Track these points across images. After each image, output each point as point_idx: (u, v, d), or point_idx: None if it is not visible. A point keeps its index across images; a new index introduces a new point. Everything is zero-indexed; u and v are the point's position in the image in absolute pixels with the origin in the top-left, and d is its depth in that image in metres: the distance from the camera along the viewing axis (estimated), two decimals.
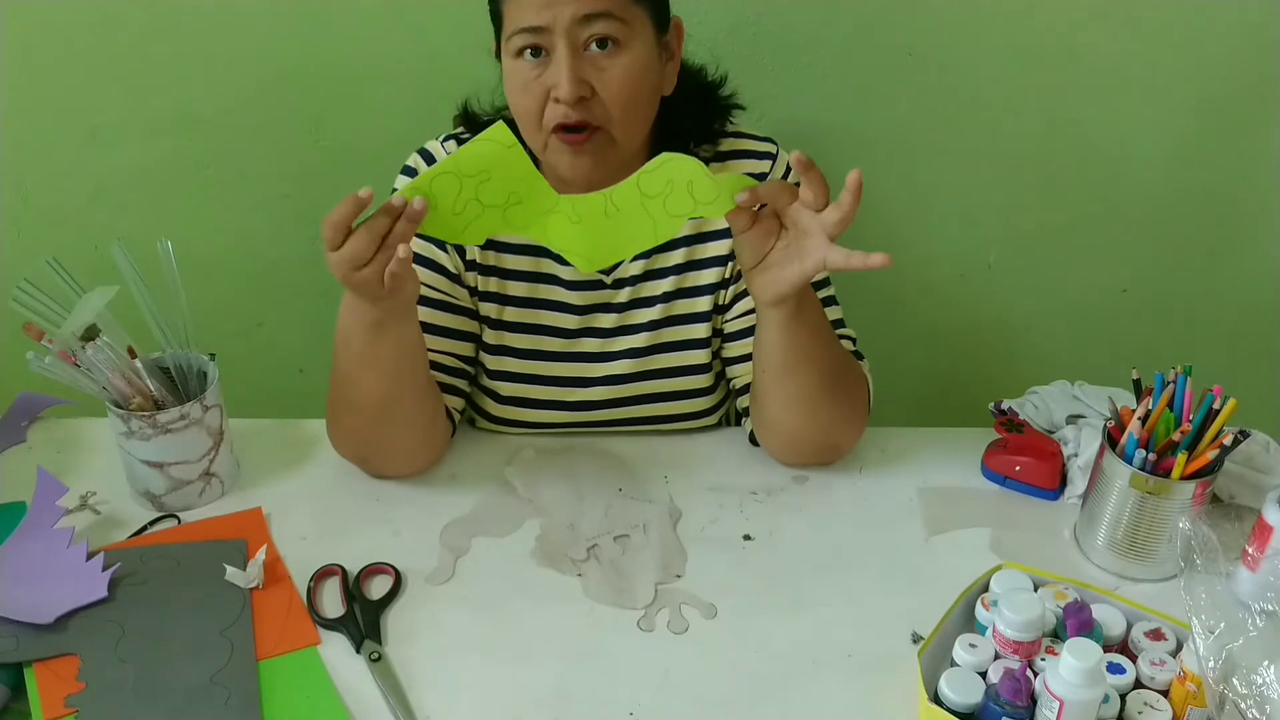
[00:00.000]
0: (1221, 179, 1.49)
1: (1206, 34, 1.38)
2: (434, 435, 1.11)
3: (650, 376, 1.17)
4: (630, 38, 0.99)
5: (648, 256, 1.14)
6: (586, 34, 0.97)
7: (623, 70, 0.99)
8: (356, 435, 1.09)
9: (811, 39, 1.40)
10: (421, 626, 0.95)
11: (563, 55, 0.97)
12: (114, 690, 0.86)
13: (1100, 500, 1.00)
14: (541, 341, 1.15)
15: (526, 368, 1.16)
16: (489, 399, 1.18)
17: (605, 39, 0.97)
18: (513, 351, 1.16)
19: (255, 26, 1.39)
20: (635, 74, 0.99)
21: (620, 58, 0.99)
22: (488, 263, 1.14)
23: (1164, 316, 1.61)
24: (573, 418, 1.18)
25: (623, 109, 1.00)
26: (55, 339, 0.99)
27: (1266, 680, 0.79)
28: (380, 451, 1.10)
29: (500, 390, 1.17)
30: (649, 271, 1.14)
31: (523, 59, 0.99)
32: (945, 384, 1.64)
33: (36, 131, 1.44)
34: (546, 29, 0.96)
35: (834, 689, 0.89)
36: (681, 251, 1.14)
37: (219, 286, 1.53)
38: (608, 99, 0.99)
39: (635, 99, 1.01)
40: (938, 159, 1.48)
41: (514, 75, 1.01)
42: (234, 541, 1.02)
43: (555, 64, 0.97)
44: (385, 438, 1.08)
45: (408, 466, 1.12)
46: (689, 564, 1.02)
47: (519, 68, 1.00)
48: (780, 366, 1.04)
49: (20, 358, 0.96)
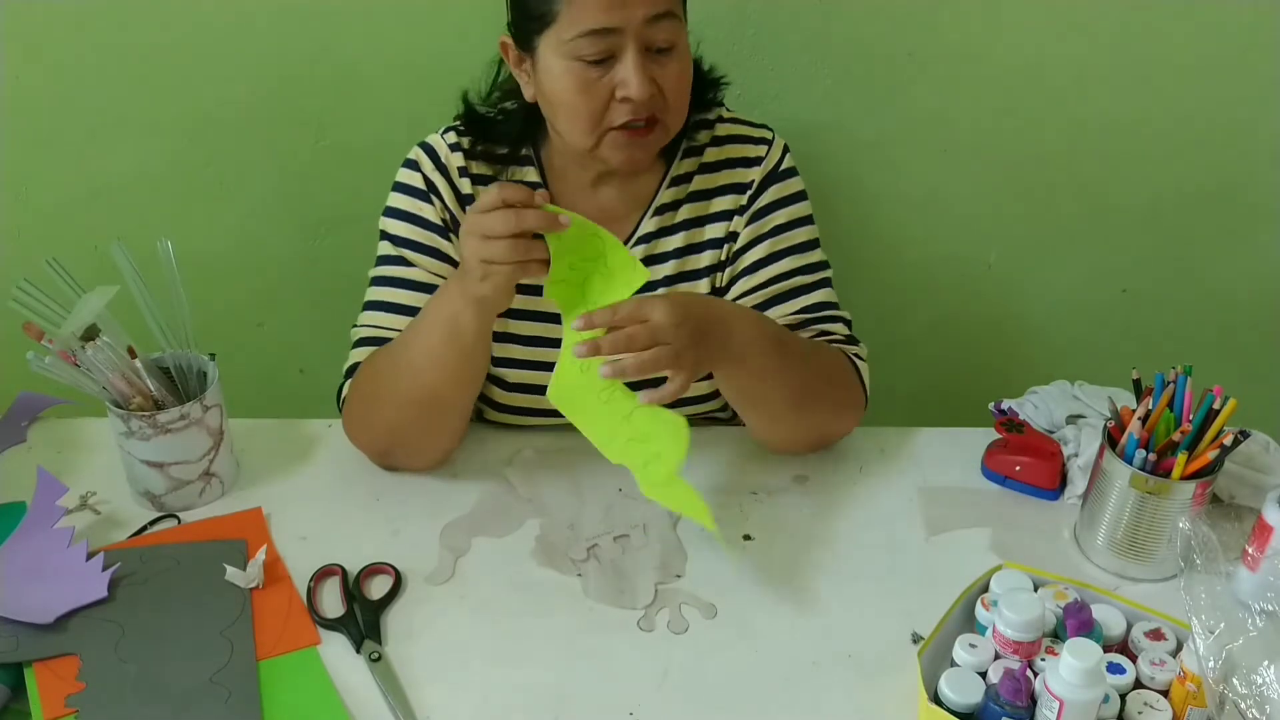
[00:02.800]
0: (1221, 179, 1.49)
1: (1206, 34, 1.38)
2: (462, 429, 1.13)
3: None
4: (681, 36, 1.02)
5: (648, 241, 1.15)
6: (654, 35, 0.99)
7: (680, 68, 1.03)
8: (390, 428, 1.09)
9: (811, 39, 1.40)
10: (421, 626, 0.95)
11: (632, 56, 0.99)
12: (114, 690, 0.86)
13: (1100, 500, 1.00)
14: (546, 329, 1.16)
15: (532, 354, 1.17)
16: (496, 387, 1.18)
17: (666, 43, 1.00)
18: (517, 339, 1.16)
19: (256, 27, 1.38)
20: (688, 70, 1.05)
21: (676, 56, 1.02)
22: None
23: (1164, 316, 1.61)
24: None
25: (680, 101, 1.05)
26: (55, 339, 0.99)
27: (1266, 680, 0.79)
28: (410, 446, 1.10)
29: (507, 378, 1.17)
30: (650, 257, 1.15)
31: (579, 61, 0.99)
32: (945, 384, 1.64)
33: (36, 131, 1.44)
34: (618, 30, 0.98)
35: (834, 689, 0.89)
36: (681, 236, 1.15)
37: (219, 286, 1.53)
38: (670, 97, 1.03)
39: (687, 93, 1.06)
40: (938, 159, 1.48)
41: (569, 76, 1.00)
42: (234, 541, 1.02)
43: (625, 65, 0.99)
44: (420, 433, 1.09)
45: (430, 462, 1.13)
46: (689, 564, 1.02)
47: (575, 69, 1.00)
48: (740, 404, 1.08)
49: (20, 358, 0.96)
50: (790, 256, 1.15)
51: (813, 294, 1.15)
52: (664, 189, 1.15)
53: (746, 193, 1.15)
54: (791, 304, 1.14)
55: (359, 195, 1.50)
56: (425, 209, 1.12)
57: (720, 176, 1.15)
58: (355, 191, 1.49)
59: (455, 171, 1.12)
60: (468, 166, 1.13)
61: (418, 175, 1.12)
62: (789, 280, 1.14)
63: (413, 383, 1.03)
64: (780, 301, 1.14)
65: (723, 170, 1.15)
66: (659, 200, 1.15)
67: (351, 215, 1.52)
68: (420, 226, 1.12)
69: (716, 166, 1.16)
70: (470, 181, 1.13)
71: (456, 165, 1.12)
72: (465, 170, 1.12)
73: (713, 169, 1.16)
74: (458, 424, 1.11)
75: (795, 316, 1.14)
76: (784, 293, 1.14)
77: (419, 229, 1.12)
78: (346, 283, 1.57)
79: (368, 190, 1.19)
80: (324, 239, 1.55)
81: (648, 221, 1.15)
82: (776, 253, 1.14)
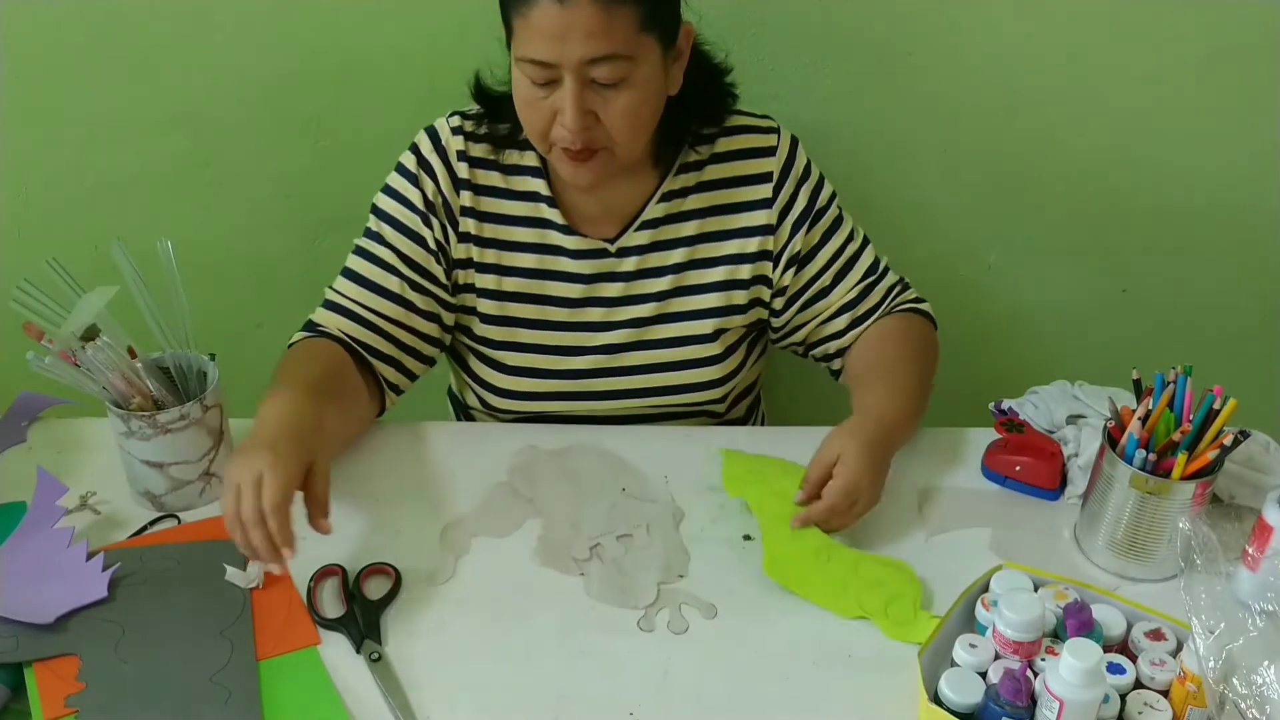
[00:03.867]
0: (1221, 179, 1.49)
1: (1205, 33, 1.38)
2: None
3: (652, 346, 1.19)
4: (635, 71, 1.01)
5: (654, 227, 1.15)
6: (593, 74, 0.99)
7: (626, 103, 1.02)
8: None
9: (811, 39, 1.40)
10: (421, 626, 0.95)
11: (569, 89, 0.99)
12: (114, 690, 0.86)
13: (1100, 500, 1.00)
14: (546, 311, 1.17)
15: (532, 337, 1.18)
16: (494, 370, 1.18)
17: (607, 78, 1.00)
18: (517, 321, 1.17)
19: (255, 27, 1.38)
20: (640, 103, 1.03)
21: (625, 92, 1.01)
22: (485, 235, 1.16)
23: (1164, 316, 1.61)
24: (577, 386, 1.20)
25: (626, 134, 1.03)
26: (55, 339, 0.99)
27: (1266, 680, 0.79)
28: None
29: (506, 361, 1.18)
30: (656, 242, 1.16)
31: (527, 78, 1.01)
32: (945, 384, 1.63)
33: (37, 131, 1.44)
34: (555, 65, 0.98)
35: (834, 689, 0.89)
36: (694, 224, 1.16)
37: (219, 286, 1.53)
38: (611, 127, 1.02)
39: (638, 124, 1.04)
40: (938, 159, 1.48)
41: (521, 86, 1.03)
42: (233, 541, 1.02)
43: (562, 94, 1.00)
44: None
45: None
46: (691, 564, 1.02)
47: (525, 84, 1.02)
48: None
49: (20, 358, 0.96)
50: (835, 234, 1.19)
51: (862, 258, 1.21)
52: (671, 176, 1.15)
53: (770, 183, 1.16)
54: (851, 276, 1.20)
55: (359, 195, 1.49)
56: (411, 192, 1.14)
57: (735, 167, 1.16)
58: (355, 191, 1.49)
59: (454, 155, 1.14)
60: (467, 150, 1.14)
61: (413, 157, 1.15)
62: (842, 255, 1.19)
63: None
64: (841, 277, 1.20)
65: (736, 161, 1.16)
66: (665, 187, 1.15)
67: (351, 215, 1.51)
68: (403, 205, 1.15)
69: (729, 156, 1.16)
70: (468, 165, 1.14)
71: (456, 149, 1.14)
72: (464, 154, 1.14)
73: (725, 159, 1.16)
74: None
75: (857, 287, 1.20)
76: (842, 268, 1.20)
77: (402, 208, 1.15)
78: None
79: (368, 190, 1.19)
80: (324, 239, 1.55)
81: (653, 207, 1.15)
82: (825, 233, 1.18)
